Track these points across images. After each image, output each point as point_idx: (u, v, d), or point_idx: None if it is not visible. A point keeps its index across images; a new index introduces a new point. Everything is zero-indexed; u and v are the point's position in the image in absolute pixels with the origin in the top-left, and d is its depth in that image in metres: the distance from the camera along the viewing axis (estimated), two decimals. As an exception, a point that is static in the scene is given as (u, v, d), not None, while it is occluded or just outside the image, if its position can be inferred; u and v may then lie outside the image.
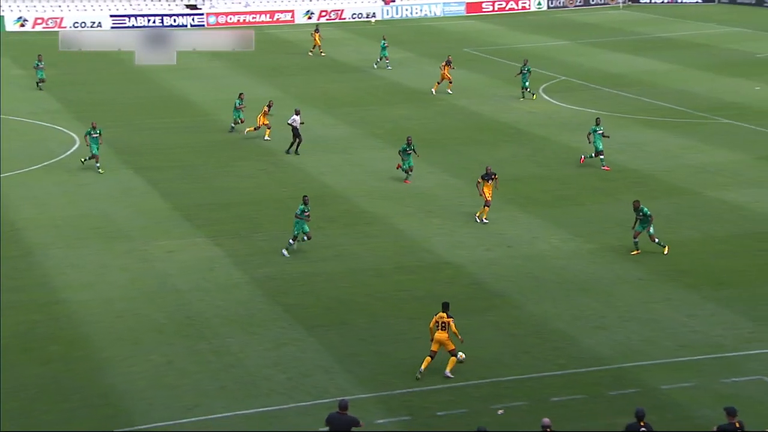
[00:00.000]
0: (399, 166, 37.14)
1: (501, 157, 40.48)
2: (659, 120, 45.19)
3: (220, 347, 24.42)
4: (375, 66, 60.10)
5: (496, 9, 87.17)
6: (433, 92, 52.67)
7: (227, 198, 35.87)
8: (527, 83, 50.37)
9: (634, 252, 29.79)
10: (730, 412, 18.22)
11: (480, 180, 32.69)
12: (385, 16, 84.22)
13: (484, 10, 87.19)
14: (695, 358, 23.56)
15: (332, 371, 23.17)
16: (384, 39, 61.01)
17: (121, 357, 23.96)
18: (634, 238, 29.82)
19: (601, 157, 38.34)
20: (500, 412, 18.91)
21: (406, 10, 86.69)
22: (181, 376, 23.07)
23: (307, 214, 30.09)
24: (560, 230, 31.85)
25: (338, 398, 20.62)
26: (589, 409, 21.43)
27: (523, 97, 50.29)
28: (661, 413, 20.75)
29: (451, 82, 52.84)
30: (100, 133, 39.02)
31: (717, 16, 78.38)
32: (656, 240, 29.79)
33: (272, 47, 67.68)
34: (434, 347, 22.79)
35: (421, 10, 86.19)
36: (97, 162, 39.01)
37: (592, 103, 49.59)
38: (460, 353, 22.98)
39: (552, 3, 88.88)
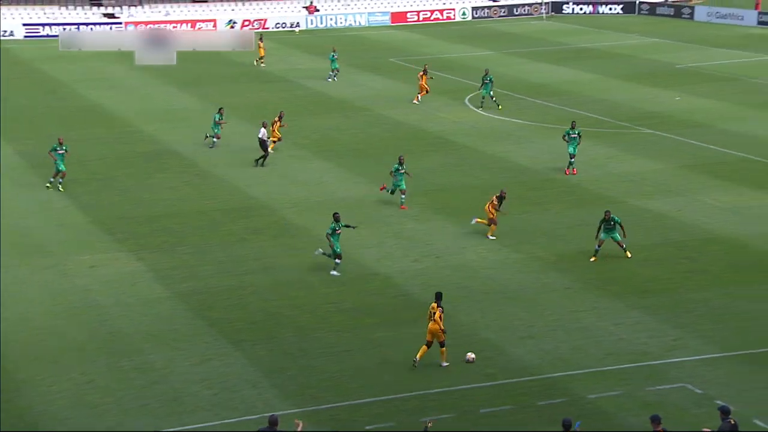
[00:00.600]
0: (383, 188, 35.53)
1: (428, 166, 40.57)
2: (584, 129, 45.74)
3: (144, 364, 24.04)
4: (329, 80, 59.26)
5: (420, 19, 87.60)
6: (416, 102, 52.43)
7: (150, 211, 35.43)
8: (491, 92, 50.70)
9: (593, 258, 30.11)
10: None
11: (495, 202, 32.11)
12: (309, 26, 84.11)
13: (408, 19, 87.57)
14: (621, 366, 23.78)
15: (259, 386, 22.94)
16: (334, 51, 60.24)
17: (40, 377, 23.45)
18: (598, 246, 30.13)
19: (571, 160, 38.89)
20: (429, 424, 18.91)
21: (331, 19, 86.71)
22: (103, 394, 22.65)
23: (338, 231, 29.26)
24: (488, 240, 31.96)
25: (266, 414, 20.40)
26: (518, 419, 21.49)
27: (482, 106, 50.50)
28: (588, 422, 20.89)
29: (427, 92, 52.59)
30: (66, 150, 38.03)
31: (638, 27, 79.66)
32: (623, 246, 30.26)
33: (195, 57, 67.04)
34: (428, 337, 23.39)
35: (345, 20, 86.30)
36: (61, 179, 37.85)
37: (517, 113, 50.01)
38: (469, 354, 23.54)
39: (476, 13, 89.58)
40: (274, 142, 42.80)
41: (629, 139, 44.53)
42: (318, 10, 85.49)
